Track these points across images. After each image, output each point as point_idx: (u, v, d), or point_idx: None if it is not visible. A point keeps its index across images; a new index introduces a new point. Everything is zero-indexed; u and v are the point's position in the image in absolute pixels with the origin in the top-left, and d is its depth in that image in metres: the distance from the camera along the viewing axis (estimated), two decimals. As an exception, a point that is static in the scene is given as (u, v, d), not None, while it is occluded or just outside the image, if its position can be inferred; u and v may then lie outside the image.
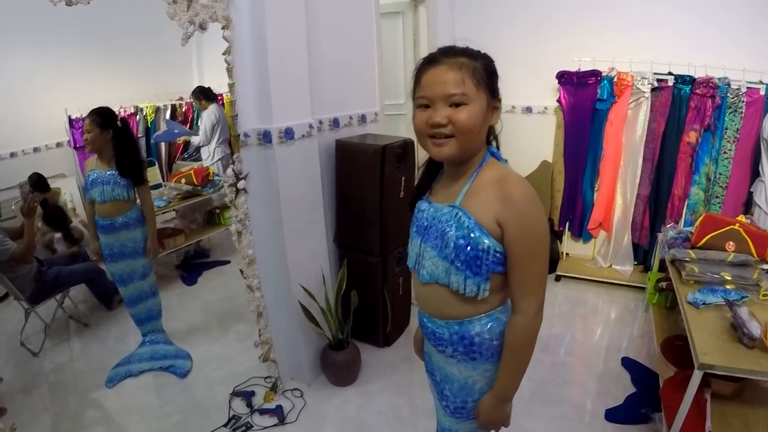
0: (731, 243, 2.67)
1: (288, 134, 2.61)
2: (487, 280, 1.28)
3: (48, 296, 3.69)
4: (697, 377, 1.95)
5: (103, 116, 3.04)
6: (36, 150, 4.94)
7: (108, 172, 3.07)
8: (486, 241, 1.24)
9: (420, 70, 1.28)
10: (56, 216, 4.32)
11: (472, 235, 1.25)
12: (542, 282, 1.31)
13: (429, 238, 1.35)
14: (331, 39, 3.00)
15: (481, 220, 1.25)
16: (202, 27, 2.31)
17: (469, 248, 1.25)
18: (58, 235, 4.32)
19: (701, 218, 2.94)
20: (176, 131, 5.46)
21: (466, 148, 1.28)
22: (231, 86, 2.47)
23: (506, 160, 1.38)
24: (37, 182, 4.24)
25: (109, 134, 3.05)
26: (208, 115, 5.33)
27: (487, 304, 1.35)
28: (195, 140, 5.41)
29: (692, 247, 2.83)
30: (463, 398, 1.47)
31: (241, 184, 2.61)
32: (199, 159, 5.44)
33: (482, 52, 1.29)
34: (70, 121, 4.96)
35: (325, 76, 2.98)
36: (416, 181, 1.54)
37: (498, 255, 1.26)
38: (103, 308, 4.15)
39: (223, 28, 2.37)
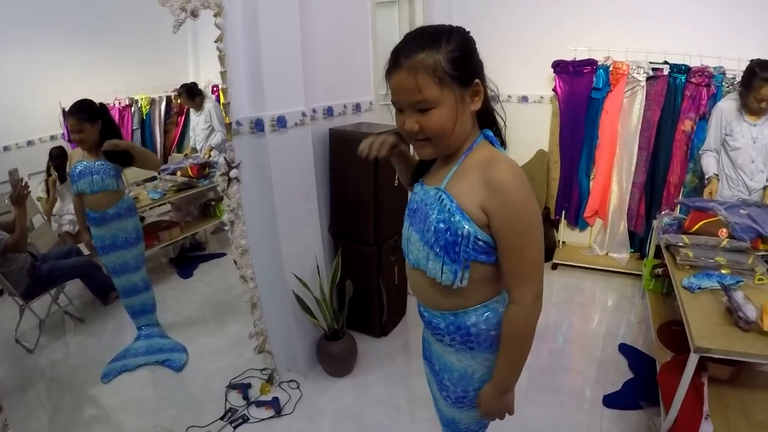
0: (723, 230, 2.67)
1: (281, 122, 2.59)
2: (465, 269, 1.23)
3: (42, 291, 3.68)
4: (693, 361, 1.95)
5: (89, 111, 2.97)
6: (30, 143, 4.94)
7: (97, 162, 3.03)
8: (466, 227, 1.19)
9: (387, 71, 1.21)
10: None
11: (452, 219, 1.20)
12: (537, 269, 1.24)
13: (415, 221, 1.32)
14: (325, 28, 2.98)
15: (464, 205, 1.20)
16: (194, 14, 2.28)
17: (448, 233, 1.20)
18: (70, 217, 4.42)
19: (690, 213, 2.96)
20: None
21: (447, 146, 1.25)
22: (223, 74, 2.45)
23: (502, 144, 1.32)
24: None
25: (99, 125, 3.00)
26: (216, 109, 5.27)
27: (473, 297, 1.31)
28: (218, 138, 5.35)
29: (685, 233, 2.83)
30: (463, 387, 1.44)
31: (233, 173, 2.59)
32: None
33: (452, 32, 1.18)
34: (65, 113, 4.94)
35: (318, 64, 2.95)
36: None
37: (480, 243, 1.21)
38: (98, 303, 4.14)
39: (215, 15, 2.34)
